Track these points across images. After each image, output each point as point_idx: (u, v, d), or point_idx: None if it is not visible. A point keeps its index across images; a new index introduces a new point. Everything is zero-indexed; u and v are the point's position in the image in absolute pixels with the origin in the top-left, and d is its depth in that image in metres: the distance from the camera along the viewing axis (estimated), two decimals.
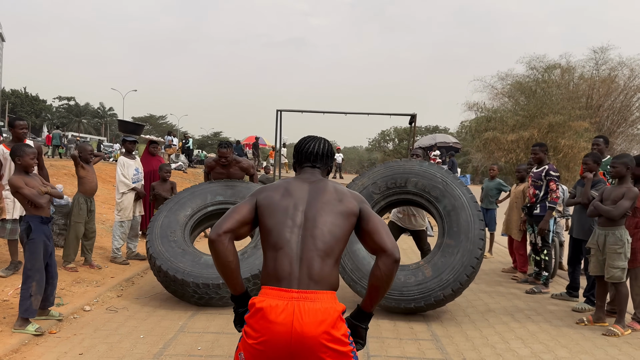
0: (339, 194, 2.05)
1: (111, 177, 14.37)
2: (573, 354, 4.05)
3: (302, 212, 2.00)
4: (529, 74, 32.22)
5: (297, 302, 1.83)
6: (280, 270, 1.90)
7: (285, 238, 1.94)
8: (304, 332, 1.79)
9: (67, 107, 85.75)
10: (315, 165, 2.19)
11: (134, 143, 7.35)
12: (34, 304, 4.10)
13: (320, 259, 1.91)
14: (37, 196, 4.17)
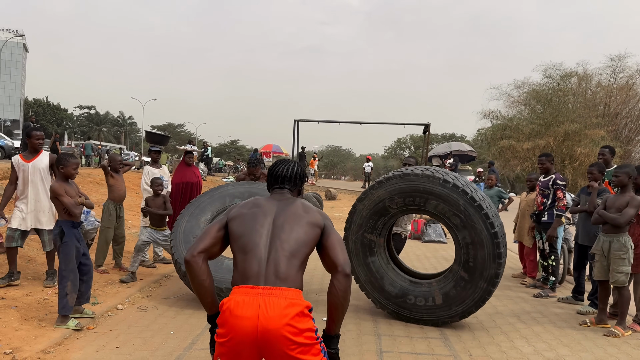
0: (305, 207, 2.21)
1: (134, 184, 14.85)
2: (574, 352, 4.31)
3: (271, 220, 2.15)
4: (545, 82, 32.22)
5: (263, 297, 1.94)
6: (249, 270, 2.02)
7: (254, 241, 2.08)
8: (269, 324, 1.89)
9: (87, 116, 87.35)
10: (283, 186, 2.35)
11: (158, 153, 7.77)
12: (70, 302, 4.48)
13: (287, 259, 2.03)
14: (73, 205, 4.55)
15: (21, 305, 4.81)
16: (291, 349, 1.91)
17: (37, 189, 5.44)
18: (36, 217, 5.44)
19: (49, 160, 5.51)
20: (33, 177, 5.43)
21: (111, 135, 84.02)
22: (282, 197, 2.31)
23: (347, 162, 76.76)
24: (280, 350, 1.91)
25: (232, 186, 6.08)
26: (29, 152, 5.53)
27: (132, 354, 3.99)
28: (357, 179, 56.45)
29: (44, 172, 5.49)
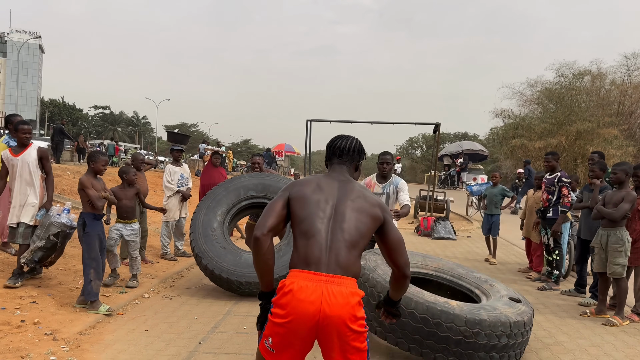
0: (365, 196, 2.25)
1: (152, 183, 15.27)
2: (572, 339, 4.57)
3: (332, 206, 2.19)
4: (558, 80, 32.14)
5: (325, 285, 2.01)
6: (311, 255, 2.07)
7: (317, 227, 2.12)
8: (332, 311, 1.98)
9: (102, 116, 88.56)
10: (342, 160, 2.38)
11: (180, 152, 8.14)
12: (94, 288, 4.81)
13: (347, 249, 2.10)
14: (97, 198, 4.92)
15: (56, 293, 5.18)
16: (347, 335, 2.00)
17: (25, 183, 5.24)
18: (20, 212, 5.22)
19: (38, 153, 5.30)
20: (21, 172, 5.23)
21: (126, 135, 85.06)
22: (342, 176, 2.33)
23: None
24: (337, 335, 2.00)
25: (246, 178, 6.27)
26: (18, 146, 5.34)
27: (159, 337, 4.33)
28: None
29: (32, 165, 5.25)
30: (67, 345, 4.01)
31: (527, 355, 4.14)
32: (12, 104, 76.23)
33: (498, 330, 3.45)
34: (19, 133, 5.27)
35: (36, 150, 5.32)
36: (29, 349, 3.85)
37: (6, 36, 78.86)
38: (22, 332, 4.16)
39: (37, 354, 3.79)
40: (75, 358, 3.81)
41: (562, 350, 4.30)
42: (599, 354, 4.22)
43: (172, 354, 3.96)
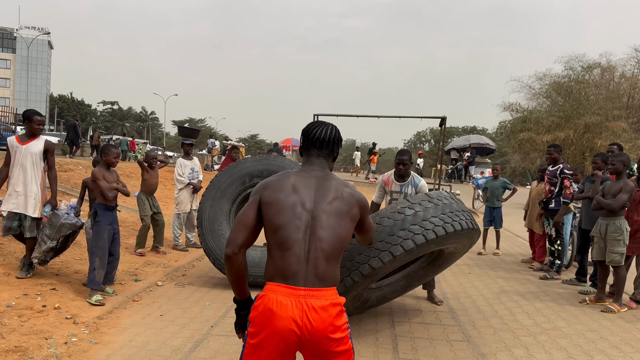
0: (344, 196, 2.09)
1: (162, 177, 15.48)
2: (570, 325, 4.74)
3: (309, 211, 2.03)
4: (567, 74, 32.00)
5: (305, 300, 1.91)
6: (288, 268, 1.95)
7: (294, 238, 1.97)
8: (314, 327, 1.90)
9: (110, 111, 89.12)
10: (321, 152, 2.21)
11: (190, 145, 8.36)
12: (97, 277, 4.90)
13: (326, 260, 1.98)
14: (108, 189, 5.05)
15: (73, 281, 5.41)
16: (330, 346, 1.95)
17: (25, 172, 5.21)
18: (22, 202, 5.18)
19: (44, 145, 5.29)
20: (24, 160, 5.20)
21: (134, 130, 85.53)
22: (320, 171, 2.17)
23: (365, 157, 76.98)
24: (321, 348, 1.95)
25: (251, 162, 5.98)
26: (26, 135, 5.33)
27: (174, 321, 4.55)
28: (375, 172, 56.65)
29: (36, 156, 5.24)
30: (87, 329, 4.23)
31: (526, 340, 4.31)
32: (22, 99, 76.94)
33: None
34: (33, 124, 5.28)
35: (43, 142, 5.31)
36: (51, 331, 4.08)
37: (15, 32, 79.38)
38: (44, 316, 4.39)
39: (60, 335, 4.01)
40: (95, 340, 4.03)
41: (560, 334, 4.47)
42: (596, 338, 4.38)
43: (187, 336, 4.17)
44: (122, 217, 9.26)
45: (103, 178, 5.07)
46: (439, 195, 4.04)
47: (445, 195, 4.09)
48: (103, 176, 5.09)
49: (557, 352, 4.05)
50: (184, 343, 4.03)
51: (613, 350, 4.10)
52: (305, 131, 2.23)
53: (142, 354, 3.81)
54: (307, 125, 2.25)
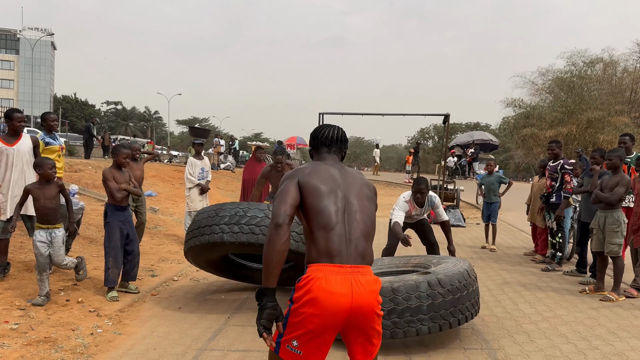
0: (366, 183, 2.35)
1: (169, 176, 15.80)
2: (570, 313, 4.95)
3: (343, 197, 2.22)
4: (570, 69, 32.07)
5: (353, 276, 2.06)
6: (332, 248, 2.09)
7: (335, 220, 2.14)
8: (362, 300, 2.04)
9: (114, 111, 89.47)
10: (331, 150, 2.40)
11: (201, 145, 8.56)
12: (111, 275, 5.00)
13: (364, 238, 2.17)
14: (116, 190, 5.05)
15: (93, 277, 5.64)
16: (373, 320, 2.11)
17: (22, 173, 5.22)
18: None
19: (32, 142, 5.33)
20: (17, 161, 5.18)
21: (138, 130, 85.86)
22: (337, 164, 2.36)
23: (369, 154, 77.06)
24: (366, 322, 2.09)
25: None
26: (9, 135, 5.26)
27: (192, 313, 4.78)
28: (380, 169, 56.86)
29: (28, 155, 5.26)
30: (110, 321, 4.47)
31: (527, 327, 4.52)
32: (27, 100, 77.46)
33: None
34: (14, 122, 5.18)
35: (30, 139, 5.31)
36: (77, 323, 4.32)
37: (19, 33, 79.76)
38: (69, 309, 4.63)
39: (85, 327, 4.25)
40: (119, 331, 4.27)
41: (560, 322, 4.68)
42: (594, 325, 4.58)
43: (205, 326, 4.40)
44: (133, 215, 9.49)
45: (113, 179, 5.10)
46: None
47: None
48: (113, 177, 5.12)
49: (557, 337, 4.26)
50: (203, 333, 4.27)
51: (610, 336, 4.31)
52: (314, 133, 2.43)
53: (164, 343, 4.04)
54: (316, 127, 2.45)
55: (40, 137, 6.43)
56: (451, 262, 4.40)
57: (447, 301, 3.80)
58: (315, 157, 2.43)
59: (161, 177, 15.53)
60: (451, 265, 4.21)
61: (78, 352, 3.76)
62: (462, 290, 3.92)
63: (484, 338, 4.23)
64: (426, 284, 3.77)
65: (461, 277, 3.97)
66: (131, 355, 3.78)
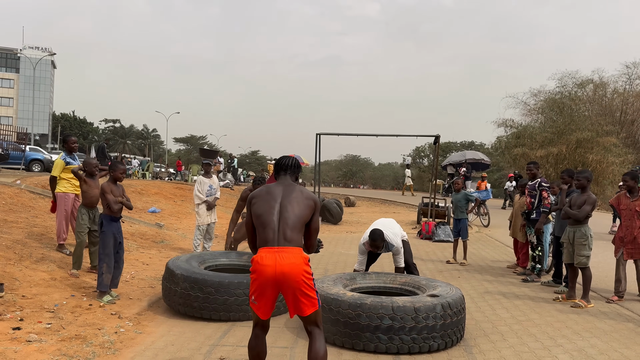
0: (303, 193, 3.37)
1: (171, 194, 16.33)
2: (542, 317, 5.52)
3: (279, 203, 3.30)
4: (560, 90, 32.90)
5: (277, 254, 3.14)
6: (266, 237, 3.20)
7: (269, 219, 3.24)
8: (283, 269, 3.10)
9: (112, 129, 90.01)
10: (286, 173, 3.53)
11: (209, 165, 9.10)
12: (105, 280, 5.54)
13: (290, 229, 3.21)
14: (113, 202, 5.67)
15: None
16: (297, 282, 3.12)
17: None
18: None
19: None
20: None
21: (135, 148, 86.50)
22: (286, 182, 3.47)
23: (365, 171, 77.71)
24: (291, 284, 3.12)
25: None
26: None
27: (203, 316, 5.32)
28: (375, 187, 57.56)
29: None
30: (130, 322, 5.02)
31: (502, 328, 5.09)
32: (26, 118, 78.00)
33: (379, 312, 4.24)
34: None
35: None
36: (101, 324, 4.86)
37: (19, 52, 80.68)
38: (93, 312, 5.17)
39: (109, 327, 4.79)
40: (139, 330, 4.81)
41: (532, 324, 5.25)
42: (561, 327, 5.16)
43: (215, 327, 4.95)
44: (141, 230, 10.04)
45: (110, 192, 5.71)
46: None
47: None
48: (111, 190, 5.72)
49: (527, 337, 4.83)
50: (214, 332, 4.81)
51: (574, 336, 4.88)
52: (276, 162, 3.62)
53: (180, 339, 4.59)
54: (279, 158, 3.63)
55: (62, 157, 7.04)
56: (443, 286, 4.95)
57: (453, 322, 4.45)
58: (278, 177, 3.54)
59: (163, 195, 16.06)
60: (449, 290, 4.79)
61: (106, 347, 4.30)
62: (462, 313, 4.60)
63: (463, 337, 4.78)
64: (440, 306, 4.37)
65: (462, 301, 4.65)
66: (153, 350, 4.33)
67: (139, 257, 7.95)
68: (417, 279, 5.37)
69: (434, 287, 4.96)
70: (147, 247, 8.72)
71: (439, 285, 5.01)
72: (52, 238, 7.50)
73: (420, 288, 5.09)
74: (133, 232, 9.55)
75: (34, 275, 5.98)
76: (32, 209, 9.19)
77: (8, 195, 9.45)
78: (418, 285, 5.17)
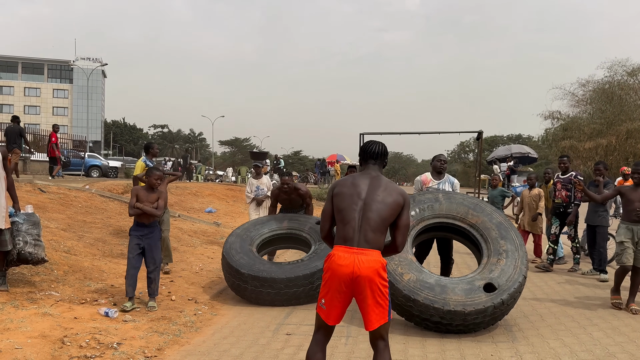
0: (389, 189, 3.02)
1: (224, 195, 17.27)
2: (580, 300, 5.89)
3: (363, 199, 2.99)
4: (610, 79, 31.88)
5: (356, 255, 2.87)
6: (347, 235, 2.92)
7: (351, 216, 2.96)
8: (361, 271, 2.83)
9: (161, 134, 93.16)
10: (376, 161, 3.17)
11: (257, 167, 9.75)
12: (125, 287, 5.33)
13: (372, 231, 2.92)
14: (130, 207, 5.36)
15: (184, 275, 6.92)
16: (373, 288, 2.86)
17: None
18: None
19: (1, 154, 5.28)
20: None
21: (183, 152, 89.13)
22: (374, 172, 3.13)
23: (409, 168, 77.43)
24: (368, 287, 2.86)
25: None
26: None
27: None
28: None
29: None
30: (206, 306, 5.74)
31: (541, 311, 5.50)
32: (81, 127, 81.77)
33: None
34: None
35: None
36: (181, 307, 5.58)
37: (72, 64, 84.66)
38: (172, 298, 5.91)
39: (189, 310, 5.50)
40: (214, 312, 5.52)
41: (570, 307, 5.63)
42: (598, 308, 5.53)
43: (279, 310, 5.59)
44: (202, 227, 10.86)
45: (136, 196, 5.41)
46: None
47: None
48: (137, 194, 5.43)
49: (564, 317, 5.24)
50: (278, 313, 5.46)
51: (610, 316, 5.25)
52: (363, 147, 3.27)
53: (251, 320, 5.26)
54: (365, 143, 3.31)
55: (143, 160, 7.93)
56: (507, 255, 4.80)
57: None
58: (363, 166, 3.22)
59: (217, 196, 16.99)
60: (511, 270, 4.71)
61: (189, 326, 5.01)
62: None
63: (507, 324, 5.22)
64: None
65: None
66: (228, 328, 5.01)
67: (203, 252, 8.73)
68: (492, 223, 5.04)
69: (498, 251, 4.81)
70: (210, 243, 9.50)
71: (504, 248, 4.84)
72: (126, 236, 8.36)
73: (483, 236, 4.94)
74: (196, 230, 10.39)
75: (117, 268, 6.80)
76: (105, 210, 10.14)
77: (82, 199, 10.45)
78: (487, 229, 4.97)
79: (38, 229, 5.50)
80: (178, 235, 9.30)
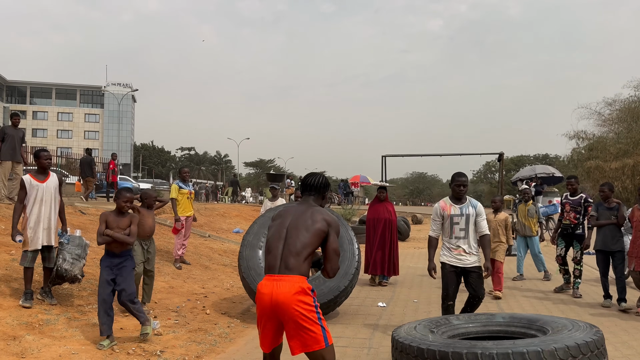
0: (314, 216, 3.05)
1: (250, 215, 17.84)
2: (594, 317, 6.15)
3: (286, 227, 3.07)
4: (636, 98, 31.43)
5: (275, 282, 2.92)
6: (270, 264, 3.01)
7: (275, 245, 3.04)
8: (278, 297, 2.86)
9: (188, 157, 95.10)
10: (310, 193, 3.26)
11: (274, 189, 10.14)
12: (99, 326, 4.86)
13: (293, 257, 2.96)
14: (99, 234, 4.86)
15: (216, 291, 7.39)
16: (294, 315, 2.85)
17: (49, 207, 5.66)
18: (49, 235, 5.63)
19: (58, 180, 5.85)
20: (46, 197, 5.64)
21: (209, 173, 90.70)
22: (304, 203, 3.21)
23: (433, 189, 77.15)
24: (286, 314, 2.87)
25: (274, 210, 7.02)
26: (38, 172, 5.74)
27: None
28: None
29: (55, 191, 5.74)
30: (238, 319, 6.18)
31: None
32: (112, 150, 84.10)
33: None
34: (41, 160, 5.68)
35: (56, 178, 5.82)
36: (216, 320, 6.04)
37: (104, 89, 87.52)
38: (206, 312, 6.37)
39: (222, 323, 5.96)
40: (246, 325, 5.95)
41: None
42: (610, 325, 5.78)
43: None
44: (231, 247, 11.36)
45: (105, 222, 4.89)
46: None
47: None
48: (106, 220, 4.91)
49: None
50: None
51: (622, 332, 5.51)
52: (302, 180, 3.36)
53: None
54: (305, 175, 3.38)
55: (176, 183, 8.56)
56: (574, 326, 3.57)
57: None
58: (302, 196, 3.32)
59: (243, 217, 17.57)
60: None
61: (223, 336, 5.46)
62: None
63: None
64: None
65: None
66: None
67: (234, 270, 9.20)
68: (529, 316, 4.02)
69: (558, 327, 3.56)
70: (218, 259, 9.97)
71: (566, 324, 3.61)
72: (161, 255, 8.90)
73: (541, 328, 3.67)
74: (225, 250, 10.91)
75: (156, 284, 7.29)
76: None
77: None
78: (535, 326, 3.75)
79: (80, 250, 5.74)
80: (209, 255, 9.82)
